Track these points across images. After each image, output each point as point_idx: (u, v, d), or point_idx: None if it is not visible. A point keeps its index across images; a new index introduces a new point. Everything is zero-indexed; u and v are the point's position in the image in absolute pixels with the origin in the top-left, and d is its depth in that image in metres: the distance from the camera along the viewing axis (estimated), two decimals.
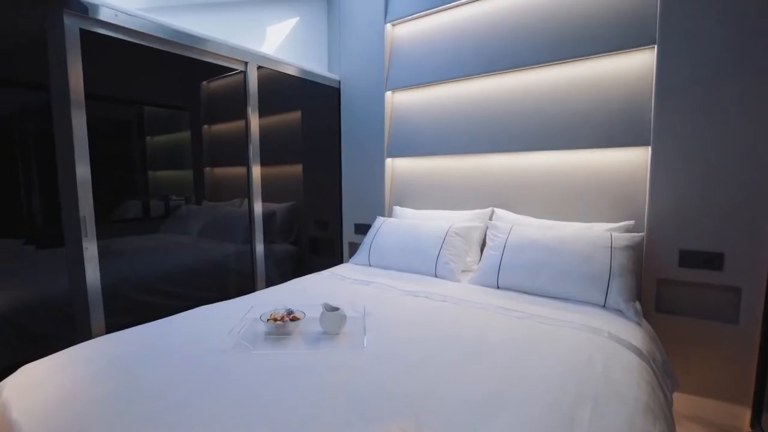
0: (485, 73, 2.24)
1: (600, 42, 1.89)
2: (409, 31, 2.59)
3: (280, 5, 2.71)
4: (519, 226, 1.92)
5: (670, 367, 1.47)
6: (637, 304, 1.56)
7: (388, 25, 2.65)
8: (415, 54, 2.53)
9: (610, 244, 1.64)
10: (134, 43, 1.77)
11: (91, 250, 1.67)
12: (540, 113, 2.09)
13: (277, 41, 2.71)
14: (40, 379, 1.04)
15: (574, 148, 2.00)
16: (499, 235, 1.91)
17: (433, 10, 2.43)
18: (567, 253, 1.66)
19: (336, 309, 1.30)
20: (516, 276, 1.75)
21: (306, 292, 1.79)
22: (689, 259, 1.71)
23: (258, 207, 2.41)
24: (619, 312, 1.52)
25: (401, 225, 2.27)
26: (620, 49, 1.86)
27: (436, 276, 1.99)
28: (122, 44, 1.73)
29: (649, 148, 1.82)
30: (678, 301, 1.77)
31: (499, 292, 1.76)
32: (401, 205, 2.65)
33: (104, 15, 1.62)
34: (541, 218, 2.08)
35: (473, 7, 2.31)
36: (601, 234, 1.71)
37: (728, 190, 1.63)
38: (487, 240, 2.01)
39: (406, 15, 2.54)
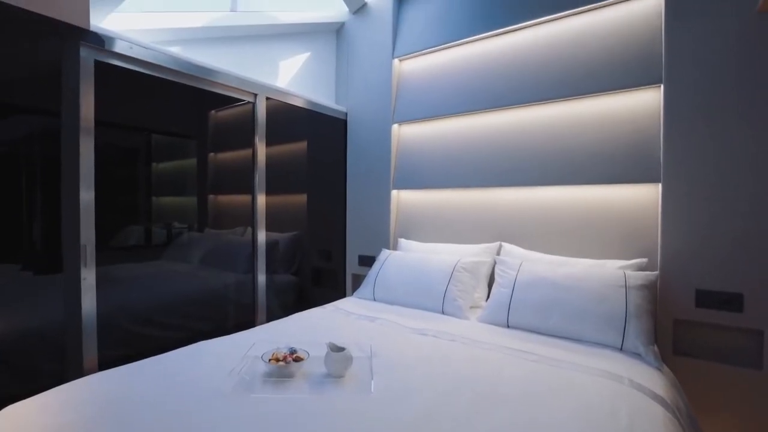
0: (491, 108, 2.26)
1: (606, 80, 1.92)
2: (416, 66, 2.65)
3: (292, 41, 2.79)
4: (528, 262, 1.88)
5: (696, 419, 1.38)
6: (656, 348, 1.49)
7: (396, 60, 2.71)
8: (422, 88, 2.56)
9: (624, 283, 1.58)
10: (147, 74, 1.79)
11: (89, 279, 1.62)
12: (548, 148, 2.09)
13: (288, 74, 2.77)
14: (25, 423, 0.97)
15: (582, 183, 1.98)
16: (509, 272, 1.86)
17: (440, 47, 2.49)
18: (579, 291, 1.61)
19: (342, 349, 1.24)
20: (527, 314, 1.68)
21: (310, 328, 1.72)
22: (706, 299, 1.65)
23: (261, 236, 2.38)
24: (637, 356, 1.44)
25: (407, 259, 2.22)
26: (626, 88, 1.88)
27: (443, 313, 1.93)
28: (135, 74, 1.76)
29: (660, 184, 1.80)
30: (697, 343, 1.70)
31: (509, 331, 1.69)
32: (407, 238, 2.62)
33: (120, 47, 1.64)
34: (550, 254, 2.03)
35: (480, 44, 2.37)
36: (614, 272, 1.66)
37: (745, 229, 1.59)
38: (495, 276, 1.96)
39: (414, 51, 2.60)
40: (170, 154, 2.28)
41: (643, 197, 1.87)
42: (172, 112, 2.23)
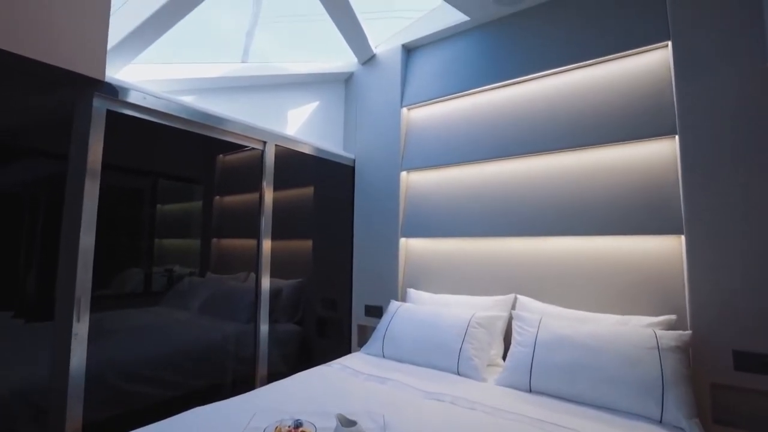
0: (501, 157, 2.25)
1: (618, 131, 1.90)
2: (425, 114, 2.67)
3: (301, 90, 2.85)
4: (549, 318, 1.76)
5: None
6: (698, 420, 1.34)
7: (404, 109, 2.74)
8: (431, 136, 2.57)
9: (656, 345, 1.46)
10: (160, 123, 1.79)
11: (81, 335, 1.51)
12: (562, 197, 2.04)
13: (297, 121, 2.80)
14: None
15: (598, 234, 1.91)
16: (527, 329, 1.74)
17: (448, 96, 2.52)
18: (608, 353, 1.49)
19: (352, 423, 1.12)
20: (551, 379, 1.55)
21: (316, 391, 1.58)
22: (746, 362, 1.52)
23: (266, 282, 2.28)
24: (679, 430, 1.30)
25: (418, 312, 2.11)
26: (639, 138, 1.86)
27: (458, 373, 1.79)
28: (146, 121, 1.75)
29: (682, 236, 1.73)
30: (739, 411, 1.54)
31: (532, 397, 1.54)
32: (416, 288, 2.51)
33: (133, 98, 1.65)
34: (569, 308, 1.92)
35: (488, 94, 2.39)
36: (643, 331, 1.54)
37: None
38: (513, 333, 1.84)
39: (422, 100, 2.63)
40: (176, 197, 2.24)
41: (666, 249, 1.79)
42: (180, 156, 2.22)
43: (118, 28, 1.84)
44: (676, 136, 1.78)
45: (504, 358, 2.01)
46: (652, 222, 1.78)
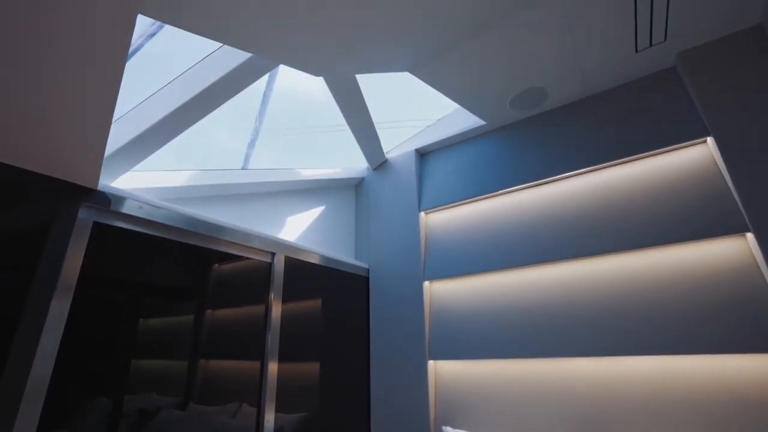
0: (541, 262, 1.99)
1: (677, 230, 1.70)
2: (447, 218, 2.47)
3: (306, 196, 2.70)
4: None
5: None
6: None
7: (422, 214, 2.55)
8: (457, 240, 2.33)
9: None
10: (155, 235, 1.53)
11: None
12: (629, 309, 1.73)
13: (302, 228, 2.58)
14: None
15: (686, 352, 1.56)
16: None
17: (473, 199, 2.35)
18: None
19: None
20: None
21: None
22: None
23: (270, 419, 1.80)
24: None
25: None
26: (704, 237, 1.64)
27: None
28: (138, 233, 1.49)
29: None
30: None
31: None
32: (453, 425, 2.00)
33: (127, 207, 1.41)
34: None
35: (519, 195, 2.23)
36: None
37: None
38: None
39: (442, 204, 2.47)
40: (162, 311, 1.85)
41: None
42: (174, 268, 1.91)
43: (116, 137, 1.71)
44: (748, 234, 1.57)
45: None
46: (753, 336, 1.46)
